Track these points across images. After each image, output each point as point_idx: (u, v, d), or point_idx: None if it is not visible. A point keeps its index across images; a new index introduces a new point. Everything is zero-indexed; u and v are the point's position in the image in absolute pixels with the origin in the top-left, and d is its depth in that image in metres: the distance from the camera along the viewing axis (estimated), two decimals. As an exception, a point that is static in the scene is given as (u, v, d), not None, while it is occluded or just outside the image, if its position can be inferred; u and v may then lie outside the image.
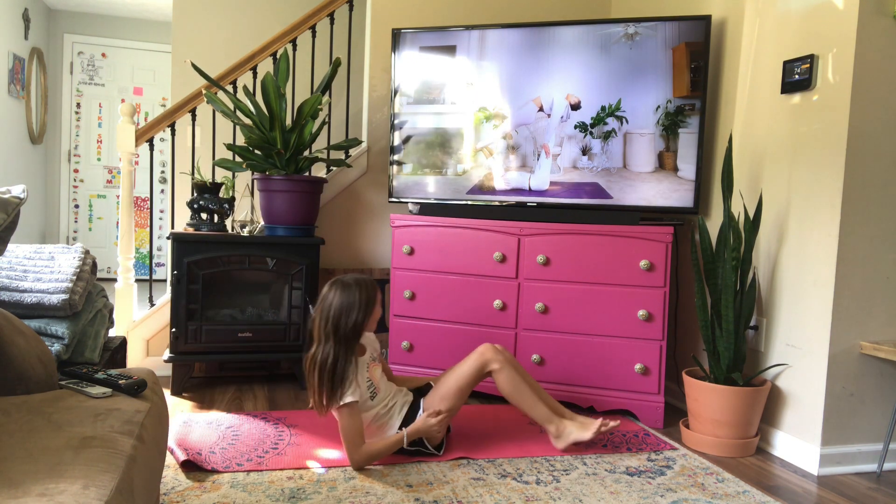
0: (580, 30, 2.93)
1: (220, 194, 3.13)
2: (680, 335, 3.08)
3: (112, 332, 2.39)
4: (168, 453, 2.17)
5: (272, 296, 3.19)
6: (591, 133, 2.93)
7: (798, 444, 2.41)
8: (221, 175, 3.35)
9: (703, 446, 2.49)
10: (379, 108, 3.49)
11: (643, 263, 2.71)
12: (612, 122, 2.90)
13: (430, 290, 3.00)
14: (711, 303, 2.60)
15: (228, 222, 3.14)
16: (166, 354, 2.91)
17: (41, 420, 1.14)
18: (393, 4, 3.48)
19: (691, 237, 2.95)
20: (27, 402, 1.20)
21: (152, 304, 3.27)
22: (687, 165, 2.81)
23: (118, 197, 5.66)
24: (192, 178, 3.12)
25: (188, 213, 3.17)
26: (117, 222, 5.45)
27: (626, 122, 2.88)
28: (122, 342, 2.33)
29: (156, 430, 1.32)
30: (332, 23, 3.52)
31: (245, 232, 3.02)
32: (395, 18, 3.44)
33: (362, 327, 2.19)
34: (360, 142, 3.44)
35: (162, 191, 5.85)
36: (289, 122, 3.07)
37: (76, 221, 6.06)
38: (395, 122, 3.20)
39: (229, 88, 3.23)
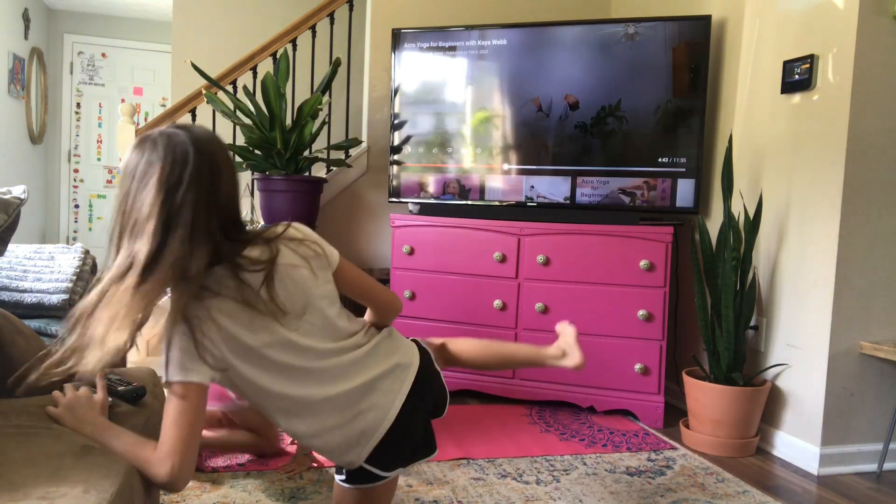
0: (580, 30, 2.92)
1: (220, 194, 3.13)
2: (680, 335, 3.08)
3: (112, 333, 2.40)
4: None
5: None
6: (591, 133, 2.93)
7: (798, 444, 2.41)
8: (221, 175, 3.35)
9: (703, 446, 2.49)
10: (379, 108, 3.49)
11: (643, 263, 2.71)
12: (612, 122, 2.90)
13: (431, 290, 3.00)
14: (711, 303, 2.60)
15: (228, 222, 3.13)
16: (166, 355, 2.91)
17: (41, 425, 1.14)
18: (393, 4, 3.48)
19: (691, 237, 2.95)
20: (27, 405, 1.20)
21: (152, 305, 3.27)
22: (687, 165, 2.81)
23: (118, 197, 5.66)
24: (192, 179, 3.12)
25: (188, 213, 3.16)
26: (117, 222, 5.45)
27: (626, 122, 2.88)
28: (123, 343, 2.33)
29: (155, 434, 1.32)
30: (332, 23, 3.52)
31: (245, 232, 3.02)
32: (395, 18, 3.44)
33: None
34: (360, 142, 3.44)
35: (162, 190, 5.85)
36: (289, 122, 3.07)
37: (76, 221, 6.07)
38: (395, 122, 3.20)
39: (229, 88, 3.23)
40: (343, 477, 1.30)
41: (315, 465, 2.15)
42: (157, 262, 1.04)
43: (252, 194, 3.19)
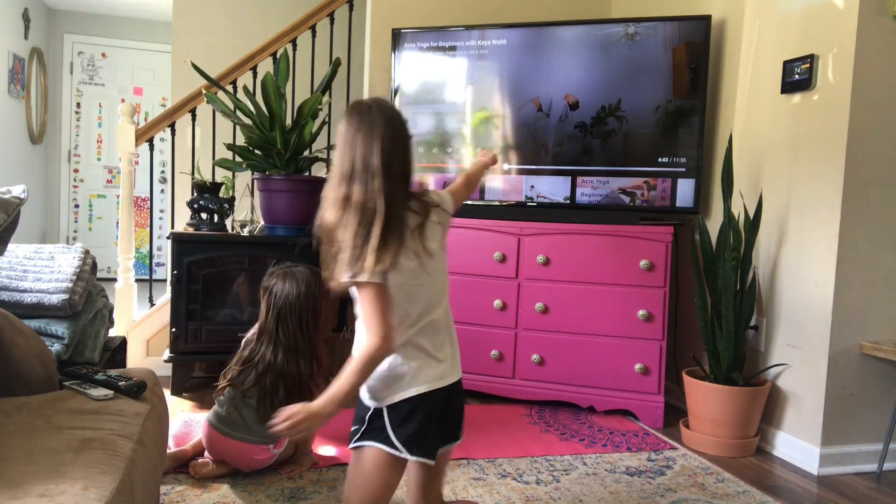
0: (580, 30, 2.92)
1: (220, 194, 3.13)
2: (680, 335, 3.08)
3: (112, 332, 2.38)
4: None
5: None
6: (591, 133, 2.93)
7: (798, 444, 2.41)
8: (221, 175, 3.35)
9: (703, 446, 2.49)
10: (379, 108, 3.48)
11: (643, 263, 2.71)
12: (612, 122, 2.90)
13: (430, 290, 2.99)
14: (711, 303, 2.60)
15: (228, 222, 3.14)
16: (166, 354, 2.91)
17: (42, 422, 1.14)
18: (393, 4, 3.48)
19: (691, 237, 2.95)
20: (27, 403, 1.20)
21: (152, 304, 3.27)
22: (687, 165, 2.81)
23: (118, 197, 5.65)
24: (192, 178, 3.12)
25: (188, 213, 3.17)
26: (117, 222, 5.46)
27: (626, 122, 2.88)
28: (122, 342, 2.33)
29: (156, 431, 1.32)
30: (332, 23, 3.52)
31: (245, 232, 3.02)
32: (395, 18, 3.44)
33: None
34: (361, 142, 3.43)
35: (162, 191, 5.85)
36: (289, 122, 3.07)
37: (76, 221, 6.06)
38: (395, 122, 3.19)
39: (229, 88, 3.23)
40: (363, 441, 1.42)
41: (315, 465, 2.15)
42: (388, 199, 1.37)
43: (252, 194, 3.19)
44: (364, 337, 1.35)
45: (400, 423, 1.38)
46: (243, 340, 2.13)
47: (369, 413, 1.42)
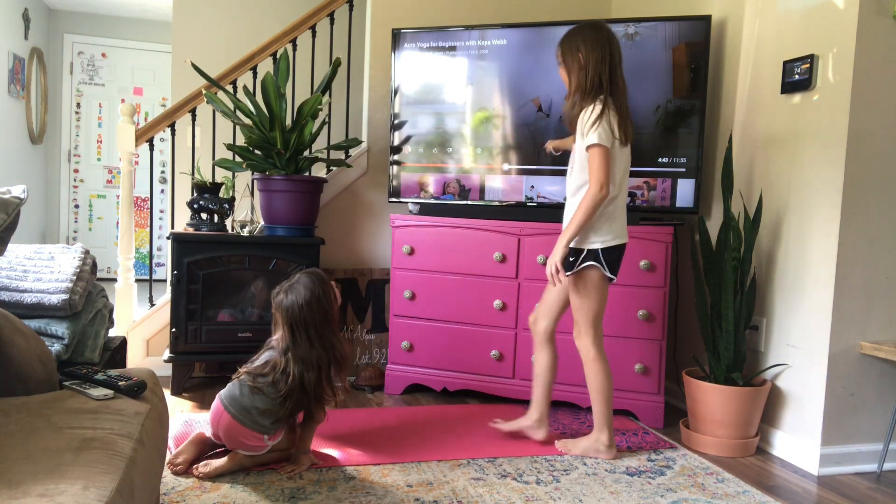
0: (580, 30, 2.92)
1: (220, 194, 3.13)
2: (680, 335, 3.08)
3: (112, 332, 2.38)
4: (168, 454, 2.17)
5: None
6: (591, 133, 2.92)
7: (798, 444, 2.41)
8: (221, 175, 3.35)
9: (703, 446, 2.49)
10: (379, 108, 3.49)
11: (643, 263, 2.71)
12: (612, 122, 2.89)
13: (430, 290, 3.00)
14: (711, 303, 2.60)
15: (228, 222, 3.14)
16: (166, 354, 2.91)
17: (41, 421, 1.14)
18: (393, 4, 3.48)
19: (691, 237, 2.95)
20: (27, 402, 1.20)
21: (152, 304, 3.27)
22: (687, 165, 2.81)
23: (118, 197, 5.66)
24: (192, 178, 3.12)
25: (188, 213, 3.17)
26: (117, 222, 5.45)
27: (626, 122, 2.87)
28: (122, 342, 2.33)
29: (156, 431, 1.32)
30: (332, 23, 3.52)
31: (245, 232, 3.02)
32: (395, 18, 3.44)
33: None
34: (360, 142, 3.44)
35: (162, 191, 5.85)
36: (289, 122, 3.07)
37: (76, 221, 6.07)
38: (395, 122, 3.20)
39: (229, 88, 3.23)
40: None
41: (315, 464, 2.16)
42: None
43: (252, 194, 3.19)
44: (594, 175, 2.21)
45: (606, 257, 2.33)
46: (268, 343, 2.19)
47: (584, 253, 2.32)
